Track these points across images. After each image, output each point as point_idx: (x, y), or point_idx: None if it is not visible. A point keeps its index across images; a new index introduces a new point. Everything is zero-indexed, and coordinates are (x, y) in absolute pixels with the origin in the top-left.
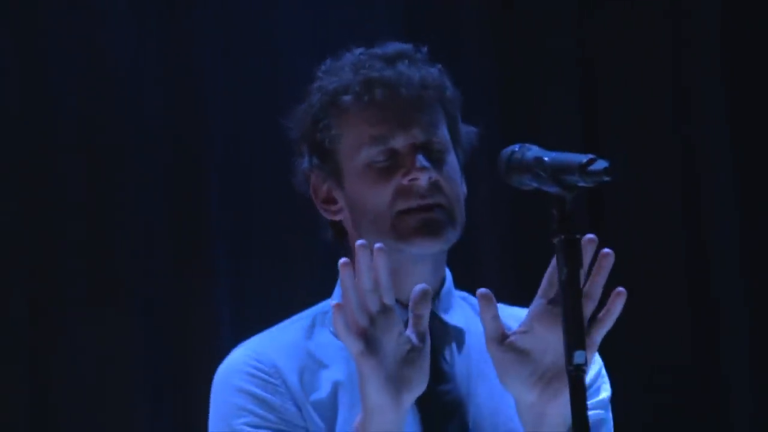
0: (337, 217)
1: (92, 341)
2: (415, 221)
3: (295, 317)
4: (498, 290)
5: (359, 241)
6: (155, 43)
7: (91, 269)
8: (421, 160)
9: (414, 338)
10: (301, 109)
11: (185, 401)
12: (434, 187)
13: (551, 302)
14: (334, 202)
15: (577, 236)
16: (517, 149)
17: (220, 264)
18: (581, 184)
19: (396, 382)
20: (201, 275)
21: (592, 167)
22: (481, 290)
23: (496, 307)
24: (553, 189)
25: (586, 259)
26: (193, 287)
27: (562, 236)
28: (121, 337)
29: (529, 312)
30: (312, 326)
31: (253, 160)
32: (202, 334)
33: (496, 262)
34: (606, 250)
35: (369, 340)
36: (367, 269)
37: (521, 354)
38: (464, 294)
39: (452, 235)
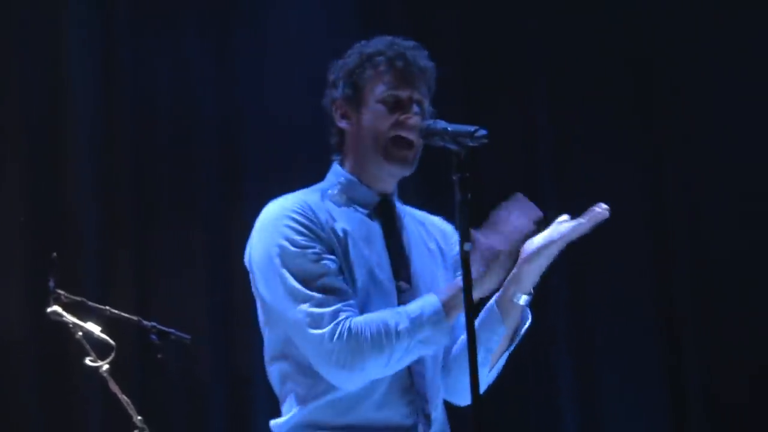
0: (346, 126)
1: (175, 236)
2: (400, 155)
3: (307, 189)
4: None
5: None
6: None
7: (174, 195)
8: (415, 107)
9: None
10: (341, 62)
11: (229, 270)
12: (414, 128)
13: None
14: (348, 117)
15: (467, 174)
16: (431, 122)
17: (248, 187)
18: (470, 143)
19: None
20: (237, 196)
21: (477, 134)
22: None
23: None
24: (453, 146)
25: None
26: (232, 202)
27: (459, 174)
28: (190, 232)
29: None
30: (322, 196)
31: (271, 132)
32: (238, 228)
33: (417, 189)
34: (604, 206)
35: None
36: None
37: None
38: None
39: (414, 166)
